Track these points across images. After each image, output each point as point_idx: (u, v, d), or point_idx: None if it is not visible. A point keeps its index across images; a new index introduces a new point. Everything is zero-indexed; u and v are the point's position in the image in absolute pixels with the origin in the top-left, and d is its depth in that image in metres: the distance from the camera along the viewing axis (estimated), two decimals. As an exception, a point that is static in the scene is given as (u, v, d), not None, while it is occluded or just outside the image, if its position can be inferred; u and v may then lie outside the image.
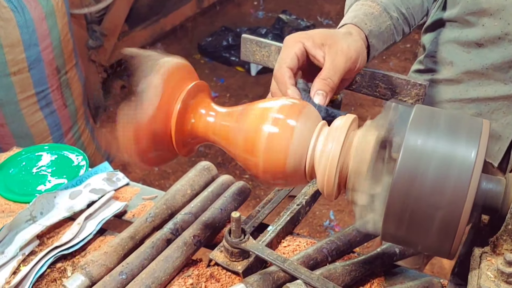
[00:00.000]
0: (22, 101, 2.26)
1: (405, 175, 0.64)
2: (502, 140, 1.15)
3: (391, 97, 1.04)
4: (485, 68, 1.11)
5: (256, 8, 4.68)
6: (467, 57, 1.14)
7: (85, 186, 1.08)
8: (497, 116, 1.14)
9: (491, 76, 1.12)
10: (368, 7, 0.99)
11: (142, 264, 0.88)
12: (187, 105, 0.76)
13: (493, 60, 1.10)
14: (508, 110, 1.13)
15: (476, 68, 1.13)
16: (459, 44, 1.15)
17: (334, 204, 2.73)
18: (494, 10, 1.05)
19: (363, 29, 0.94)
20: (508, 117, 1.13)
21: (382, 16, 0.99)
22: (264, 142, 0.72)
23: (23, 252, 0.95)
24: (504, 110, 1.13)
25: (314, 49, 0.87)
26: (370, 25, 0.95)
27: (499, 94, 1.12)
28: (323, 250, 0.92)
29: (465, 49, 1.14)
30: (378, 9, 0.99)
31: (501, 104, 1.13)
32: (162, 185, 2.84)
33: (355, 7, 1.00)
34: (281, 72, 0.85)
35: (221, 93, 3.64)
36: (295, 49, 0.86)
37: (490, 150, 1.17)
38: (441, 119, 0.67)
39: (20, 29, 2.12)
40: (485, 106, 1.15)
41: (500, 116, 1.14)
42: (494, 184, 0.69)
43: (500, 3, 1.03)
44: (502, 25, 1.05)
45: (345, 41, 0.87)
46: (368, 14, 0.97)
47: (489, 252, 0.69)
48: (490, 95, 1.13)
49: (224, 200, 1.01)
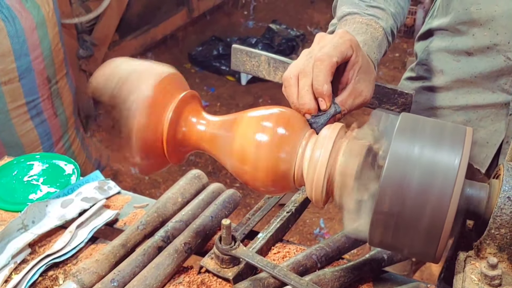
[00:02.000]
0: (12, 110, 2.26)
1: (391, 182, 0.66)
2: (490, 147, 1.17)
3: (378, 106, 1.06)
4: (474, 77, 1.14)
5: (246, 18, 4.71)
6: (457, 65, 1.16)
7: (76, 195, 1.09)
8: (485, 123, 1.17)
9: (480, 84, 1.14)
10: (373, 29, 0.97)
11: (133, 272, 0.89)
12: (178, 114, 0.77)
13: (481, 69, 1.12)
14: (496, 118, 1.15)
15: (465, 76, 1.15)
16: (449, 53, 1.17)
17: (324, 212, 2.75)
18: (484, 20, 1.07)
19: (372, 60, 0.93)
20: (496, 124, 1.15)
21: (383, 41, 0.99)
22: (254, 150, 0.74)
23: (15, 261, 0.95)
24: (492, 117, 1.15)
25: (352, 68, 0.83)
26: (377, 54, 0.95)
27: (487, 102, 1.14)
28: (312, 257, 0.93)
29: (455, 57, 1.16)
30: (381, 33, 0.98)
31: (489, 111, 1.15)
32: (152, 194, 2.85)
33: (360, 26, 0.98)
34: (329, 63, 0.78)
35: (212, 102, 3.66)
36: (348, 52, 0.81)
37: (478, 156, 1.19)
38: (425, 127, 0.69)
39: (10, 39, 2.12)
40: (474, 113, 1.17)
41: (488, 124, 1.16)
42: (477, 190, 0.71)
43: (490, 14, 1.06)
44: (491, 35, 1.07)
45: (370, 87, 0.86)
46: (375, 40, 0.96)
47: (473, 256, 0.70)
48: (479, 102, 1.15)
49: (215, 208, 1.03)
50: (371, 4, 1.03)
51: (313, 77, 0.78)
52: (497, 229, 0.67)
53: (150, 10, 3.84)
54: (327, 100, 0.78)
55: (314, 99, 0.79)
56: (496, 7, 1.05)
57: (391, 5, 1.04)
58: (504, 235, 0.67)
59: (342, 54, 0.80)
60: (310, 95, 0.79)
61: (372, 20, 0.99)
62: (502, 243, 0.68)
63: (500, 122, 1.14)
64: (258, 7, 4.83)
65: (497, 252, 0.68)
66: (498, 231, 0.67)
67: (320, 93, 0.78)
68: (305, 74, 0.80)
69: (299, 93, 0.80)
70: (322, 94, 0.78)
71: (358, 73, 0.83)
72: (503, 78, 1.10)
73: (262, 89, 3.74)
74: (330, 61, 0.78)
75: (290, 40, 4.08)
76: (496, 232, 0.67)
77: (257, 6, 4.84)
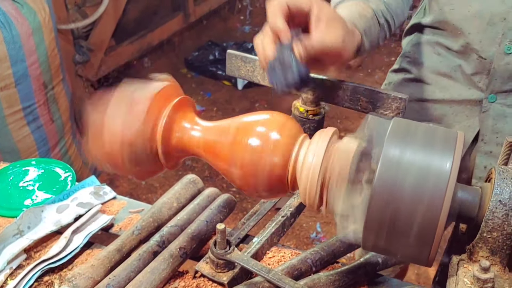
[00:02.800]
0: (8, 116, 2.27)
1: (384, 186, 0.66)
2: None
3: (372, 111, 1.07)
4: (453, 71, 1.17)
5: (243, 23, 4.73)
6: (437, 59, 1.20)
7: (72, 200, 1.09)
8: (460, 119, 1.20)
9: (457, 80, 1.17)
10: (361, 8, 1.00)
11: (129, 277, 0.89)
12: (172, 120, 0.78)
13: (458, 65, 1.16)
14: (470, 114, 1.18)
15: (445, 70, 1.19)
16: (431, 46, 1.21)
17: (320, 217, 2.75)
18: (456, 20, 1.10)
19: (358, 28, 0.95)
20: (470, 120, 1.18)
21: (373, 19, 1.01)
22: (248, 155, 0.74)
23: (10, 266, 0.95)
24: (467, 113, 1.18)
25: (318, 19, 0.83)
26: (363, 25, 0.96)
27: (463, 98, 1.17)
28: (307, 261, 0.94)
29: (435, 51, 1.20)
30: (370, 12, 1.00)
31: (464, 107, 1.18)
32: (149, 199, 2.85)
33: (348, 4, 1.00)
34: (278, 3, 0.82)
35: (208, 107, 3.66)
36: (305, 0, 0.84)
37: None
38: (417, 131, 0.70)
39: (7, 44, 2.13)
40: (450, 108, 1.20)
41: (463, 119, 1.19)
42: (469, 193, 0.71)
43: (463, 14, 1.09)
44: (464, 35, 1.11)
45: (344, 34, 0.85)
46: (362, 16, 0.98)
47: (466, 260, 0.71)
48: (455, 97, 1.19)
49: (210, 213, 1.03)
50: None
51: (268, 19, 0.82)
52: (489, 233, 0.67)
53: (146, 15, 3.85)
54: (283, 35, 0.81)
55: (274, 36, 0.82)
56: (469, 7, 1.08)
57: None
58: (496, 239, 0.67)
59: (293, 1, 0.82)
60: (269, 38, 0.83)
61: (361, 1, 1.02)
62: (494, 247, 0.68)
63: (474, 118, 1.17)
64: (254, 12, 4.85)
65: (490, 256, 0.69)
66: (490, 234, 0.68)
67: (276, 29, 0.81)
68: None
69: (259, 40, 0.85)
70: (278, 30, 0.81)
71: (326, 21, 0.83)
72: (476, 76, 1.13)
73: (258, 94, 3.75)
74: (279, 2, 0.81)
75: (286, 45, 4.09)
76: (488, 236, 0.68)
77: (254, 11, 4.85)
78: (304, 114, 1.03)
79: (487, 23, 1.06)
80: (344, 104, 1.09)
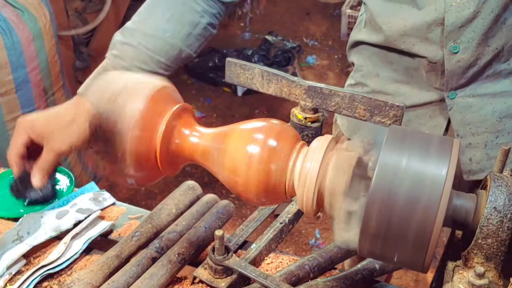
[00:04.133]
0: (9, 122, 2.27)
1: (380, 193, 0.67)
2: None
3: (370, 118, 1.08)
4: (409, 77, 1.18)
5: (243, 30, 4.74)
6: (391, 67, 1.21)
7: (71, 206, 1.10)
8: (424, 121, 1.21)
9: (415, 84, 1.18)
10: None
11: (127, 282, 0.90)
12: (171, 127, 0.78)
13: (412, 71, 1.17)
14: (433, 113, 1.19)
15: (401, 77, 1.20)
16: (381, 56, 1.22)
17: (320, 223, 2.76)
18: (397, 36, 1.12)
19: None
20: (435, 119, 1.19)
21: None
22: (245, 162, 0.75)
23: (9, 272, 0.96)
24: (430, 114, 1.20)
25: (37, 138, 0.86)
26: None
27: (424, 101, 1.19)
28: (305, 267, 0.94)
29: (387, 59, 1.21)
30: None
31: (425, 109, 1.20)
32: (149, 205, 2.85)
33: None
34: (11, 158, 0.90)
35: (208, 113, 3.67)
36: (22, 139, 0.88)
37: None
38: (413, 139, 0.71)
39: (7, 51, 2.14)
40: (412, 112, 1.21)
41: (427, 120, 1.20)
42: (464, 200, 0.72)
43: (401, 29, 1.11)
44: (409, 47, 1.12)
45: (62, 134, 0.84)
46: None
47: (461, 266, 0.72)
48: (416, 102, 1.20)
49: (209, 219, 1.04)
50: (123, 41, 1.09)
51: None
52: (484, 239, 0.68)
53: (147, 22, 3.85)
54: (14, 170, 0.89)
55: None
56: (404, 23, 1.10)
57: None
58: (491, 245, 0.68)
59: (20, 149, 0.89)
60: None
61: None
62: (489, 253, 0.69)
63: (438, 117, 1.19)
64: (254, 19, 4.86)
65: (484, 262, 0.69)
66: (485, 241, 0.68)
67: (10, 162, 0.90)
68: None
69: None
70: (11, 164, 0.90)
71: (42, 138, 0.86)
72: (431, 78, 1.14)
73: (258, 100, 3.76)
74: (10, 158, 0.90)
75: (286, 52, 4.10)
76: (483, 242, 0.68)
77: (254, 18, 4.87)
78: (303, 121, 1.03)
79: (426, 32, 1.08)
80: (341, 112, 1.09)
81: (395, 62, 1.19)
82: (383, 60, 1.21)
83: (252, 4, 4.85)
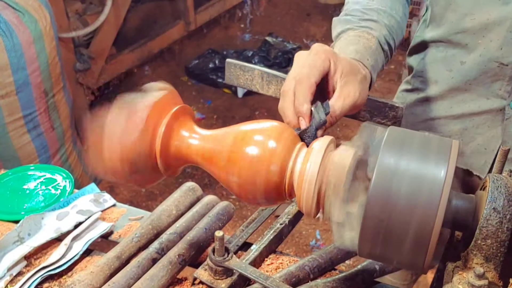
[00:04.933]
0: (9, 124, 2.28)
1: (379, 194, 0.67)
2: (488, 153, 1.19)
3: (370, 119, 1.08)
4: (468, 85, 1.16)
5: (243, 31, 4.75)
6: (449, 75, 1.18)
7: (72, 207, 1.10)
8: (482, 130, 1.19)
9: (474, 92, 1.16)
10: (366, 40, 1.02)
11: (128, 284, 0.90)
12: (171, 128, 0.79)
13: (474, 77, 1.14)
14: (492, 124, 1.17)
15: (459, 85, 1.17)
16: (442, 63, 1.20)
17: (320, 224, 2.76)
18: (477, 29, 1.10)
19: (366, 66, 0.97)
20: (493, 130, 1.17)
21: (378, 49, 1.03)
22: (246, 163, 0.75)
23: (10, 273, 0.96)
24: (488, 124, 1.17)
25: (334, 75, 0.88)
26: (371, 60, 0.99)
27: (483, 109, 1.16)
28: (305, 268, 0.94)
29: (447, 67, 1.18)
30: (374, 42, 1.02)
31: (485, 118, 1.17)
32: (149, 206, 2.85)
33: (353, 38, 1.03)
34: (305, 110, 0.84)
35: (208, 114, 3.67)
36: (324, 65, 0.87)
37: (477, 163, 1.21)
38: (413, 140, 0.71)
39: (8, 53, 2.14)
40: (470, 121, 1.19)
41: (485, 130, 1.18)
42: (464, 201, 0.72)
43: (483, 22, 1.08)
44: (485, 43, 1.10)
45: (359, 84, 0.90)
46: (368, 49, 1.00)
47: (460, 267, 0.71)
48: (474, 110, 1.17)
49: (209, 220, 1.04)
50: (363, 18, 1.08)
51: (295, 98, 0.85)
52: (484, 240, 0.68)
53: (147, 24, 3.86)
54: (306, 119, 0.84)
55: (296, 117, 0.85)
56: (488, 16, 1.08)
57: (385, 17, 1.08)
58: (491, 246, 0.68)
59: (319, 71, 0.86)
60: (292, 114, 0.85)
61: (365, 31, 1.04)
62: (488, 254, 0.69)
63: (497, 128, 1.16)
64: (254, 20, 4.87)
65: (484, 262, 0.69)
66: (484, 241, 0.68)
67: (300, 112, 0.84)
68: (286, 94, 0.87)
69: (284, 112, 0.87)
70: (302, 114, 0.84)
71: (342, 77, 0.88)
72: (497, 84, 1.12)
73: (258, 102, 3.76)
74: (308, 82, 0.85)
75: (286, 53, 4.11)
76: (482, 243, 0.68)
77: (254, 19, 4.87)
78: (302, 123, 1.03)
79: (508, 30, 1.06)
80: (341, 113, 1.10)
81: (454, 70, 1.17)
82: (443, 68, 1.19)
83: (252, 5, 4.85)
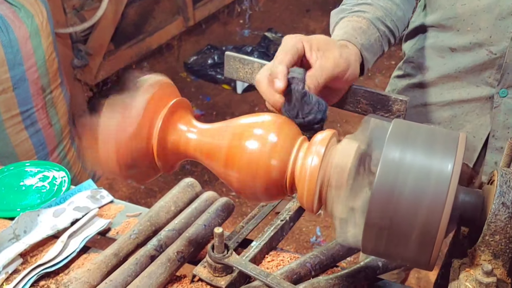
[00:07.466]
0: (6, 120, 2.26)
1: (383, 188, 0.65)
2: (476, 141, 1.19)
3: (373, 113, 1.06)
4: (458, 72, 1.16)
5: (242, 27, 4.72)
6: (442, 61, 1.19)
7: (68, 204, 1.08)
8: (470, 118, 1.18)
9: (464, 79, 1.16)
10: (355, 22, 1.02)
11: (125, 281, 0.88)
12: (168, 122, 0.77)
13: (465, 64, 1.14)
14: (481, 112, 1.17)
15: (450, 72, 1.17)
16: (434, 50, 1.20)
17: (320, 220, 2.74)
18: (467, 15, 1.10)
19: (355, 44, 0.97)
20: (481, 118, 1.17)
21: (370, 29, 1.02)
22: (246, 158, 0.73)
23: (6, 271, 0.94)
24: (477, 111, 1.17)
25: (310, 52, 0.89)
26: (361, 39, 0.99)
27: (472, 96, 1.16)
28: (306, 265, 0.93)
29: (439, 54, 1.19)
30: (365, 23, 1.02)
31: (474, 106, 1.17)
32: (148, 203, 2.83)
33: (342, 24, 1.04)
34: (279, 69, 0.82)
35: (207, 111, 3.65)
36: (295, 49, 0.87)
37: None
38: (418, 133, 0.69)
39: (4, 48, 2.12)
40: (459, 108, 1.19)
41: (474, 118, 1.18)
42: (471, 196, 0.70)
43: (473, 9, 1.08)
44: (474, 30, 1.10)
45: (338, 50, 0.91)
46: (357, 29, 1.00)
47: (467, 263, 0.70)
48: (464, 97, 1.17)
49: (208, 216, 1.02)
50: (357, 3, 1.08)
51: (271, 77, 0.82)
52: (492, 236, 0.66)
53: (145, 20, 3.84)
54: (280, 77, 0.79)
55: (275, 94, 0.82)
56: (478, 2, 1.07)
57: (380, 0, 1.09)
58: (499, 242, 0.66)
59: (291, 53, 0.86)
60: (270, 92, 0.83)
61: (355, 15, 1.05)
62: (496, 250, 0.67)
63: (485, 116, 1.16)
64: (253, 16, 4.84)
65: (492, 259, 0.68)
66: (492, 237, 0.66)
67: (275, 74, 0.80)
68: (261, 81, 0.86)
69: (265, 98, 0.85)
70: (276, 74, 0.80)
71: (319, 51, 0.89)
72: (486, 71, 1.12)
73: (258, 98, 3.72)
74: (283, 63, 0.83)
75: (286, 49, 4.09)
76: (490, 239, 0.67)
77: (253, 15, 4.85)
78: (303, 117, 1.01)
79: (496, 18, 1.06)
80: (344, 107, 1.08)
81: (446, 57, 1.17)
82: (436, 54, 1.19)
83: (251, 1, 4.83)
